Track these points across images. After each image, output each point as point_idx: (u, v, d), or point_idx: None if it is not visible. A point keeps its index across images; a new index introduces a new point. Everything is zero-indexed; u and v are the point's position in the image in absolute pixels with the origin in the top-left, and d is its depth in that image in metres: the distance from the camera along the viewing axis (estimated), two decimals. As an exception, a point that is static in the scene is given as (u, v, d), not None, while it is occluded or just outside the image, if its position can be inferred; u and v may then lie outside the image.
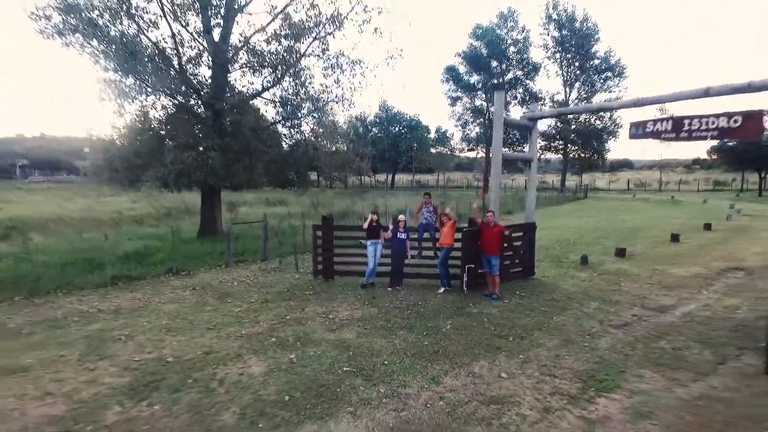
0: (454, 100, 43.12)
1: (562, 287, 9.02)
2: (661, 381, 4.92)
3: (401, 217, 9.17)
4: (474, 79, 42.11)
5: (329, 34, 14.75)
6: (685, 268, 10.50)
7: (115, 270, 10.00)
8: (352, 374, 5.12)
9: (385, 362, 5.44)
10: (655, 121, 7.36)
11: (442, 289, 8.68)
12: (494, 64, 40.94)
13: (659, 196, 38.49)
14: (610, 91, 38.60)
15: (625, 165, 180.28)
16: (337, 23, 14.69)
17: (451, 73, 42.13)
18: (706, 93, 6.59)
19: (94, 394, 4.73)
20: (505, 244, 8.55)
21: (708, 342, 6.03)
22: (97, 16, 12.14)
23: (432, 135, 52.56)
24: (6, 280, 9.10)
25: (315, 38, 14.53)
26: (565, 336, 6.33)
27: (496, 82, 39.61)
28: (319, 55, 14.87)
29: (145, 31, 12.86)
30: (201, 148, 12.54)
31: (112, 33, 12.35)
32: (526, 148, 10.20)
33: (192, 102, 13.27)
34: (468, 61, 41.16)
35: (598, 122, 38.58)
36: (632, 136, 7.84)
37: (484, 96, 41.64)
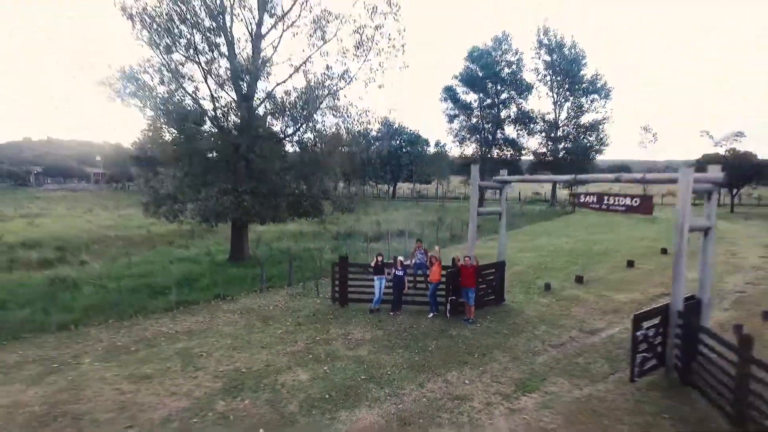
0: (451, 118, 45.96)
1: (525, 312, 11.68)
2: (567, 386, 7.59)
3: (400, 257, 11.87)
4: (471, 97, 44.87)
5: (341, 89, 17.51)
6: (626, 294, 13.16)
7: (175, 296, 12.67)
8: (367, 381, 7.81)
9: (389, 372, 8.13)
10: (586, 194, 10.06)
11: (431, 314, 11.35)
12: (489, 84, 43.69)
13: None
14: (597, 112, 41.55)
15: (622, 168, 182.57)
16: (347, 79, 17.47)
17: (449, 93, 44.96)
18: (618, 179, 9.26)
19: (204, 393, 7.44)
20: (479, 279, 11.24)
21: (611, 358, 8.71)
22: (154, 82, 14.98)
23: (431, 148, 55.46)
24: (96, 306, 11.83)
25: (328, 93, 17.28)
26: (514, 354, 9.01)
27: (490, 101, 42.37)
28: (330, 107, 17.62)
29: (190, 94, 15.65)
30: (237, 192, 15.26)
31: (163, 94, 15.19)
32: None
33: (228, 152, 15.97)
34: (464, 83, 43.95)
35: (585, 140, 41.37)
36: (573, 203, 10.53)
37: (479, 114, 44.39)
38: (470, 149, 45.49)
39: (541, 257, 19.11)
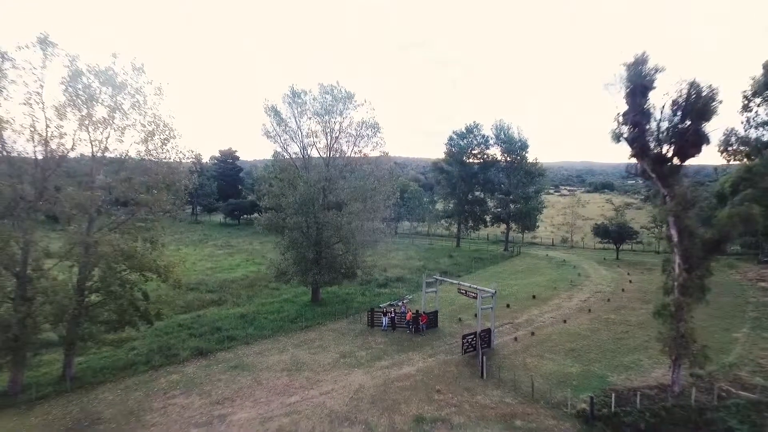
0: (438, 182, 63.33)
1: (444, 331, 29.06)
2: (443, 356, 24.99)
3: (399, 303, 29.42)
4: (452, 168, 62.26)
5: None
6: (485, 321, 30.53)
7: (302, 324, 30.15)
8: (383, 352, 25.26)
9: (389, 351, 25.57)
10: (460, 286, 27.49)
11: (407, 332, 28.76)
12: (464, 158, 61.18)
13: (568, 253, 58.17)
14: (539, 185, 59.03)
15: (606, 186, 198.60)
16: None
17: (436, 167, 62.62)
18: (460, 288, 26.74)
19: (368, 399, 24.97)
20: (425, 319, 28.78)
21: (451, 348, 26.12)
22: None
23: (425, 199, 72.78)
24: (266, 328, 29.35)
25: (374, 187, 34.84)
26: (432, 346, 26.40)
27: (464, 174, 59.92)
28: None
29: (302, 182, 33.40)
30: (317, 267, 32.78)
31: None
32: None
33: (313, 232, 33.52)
34: (448, 157, 61.58)
35: (532, 203, 58.70)
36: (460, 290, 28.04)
37: (456, 181, 61.70)
38: (451, 204, 62.86)
39: (468, 301, 36.45)
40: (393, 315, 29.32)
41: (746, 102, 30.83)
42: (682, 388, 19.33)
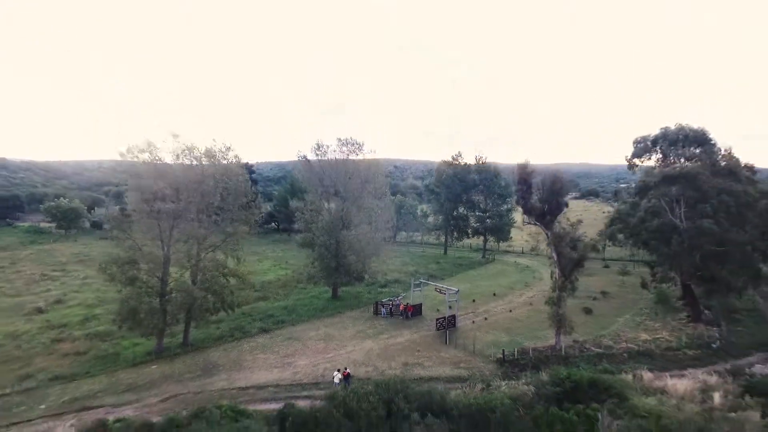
0: (429, 201, 76.63)
1: (426, 317, 42.22)
2: (424, 330, 38.24)
3: (395, 299, 42.71)
4: (440, 190, 75.60)
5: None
6: (462, 312, 43.77)
7: (327, 312, 43.45)
8: (383, 330, 38.51)
9: (388, 329, 38.81)
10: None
11: (400, 318, 41.95)
12: (451, 181, 74.52)
13: (534, 260, 71.32)
14: (509, 204, 72.56)
15: (592, 194, 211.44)
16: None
17: (428, 188, 76.05)
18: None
19: (375, 354, 38.23)
20: (411, 309, 42.06)
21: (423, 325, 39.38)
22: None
23: (419, 212, 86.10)
24: (304, 314, 42.62)
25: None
26: (417, 326, 39.65)
27: (450, 196, 73.28)
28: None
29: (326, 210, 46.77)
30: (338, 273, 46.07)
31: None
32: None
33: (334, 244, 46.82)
34: (436, 181, 74.99)
35: (504, 220, 71.94)
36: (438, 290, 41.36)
37: (443, 200, 74.96)
38: (439, 219, 76.14)
39: (443, 297, 49.61)
40: (391, 307, 42.48)
41: (630, 164, 43.43)
42: (562, 347, 32.52)
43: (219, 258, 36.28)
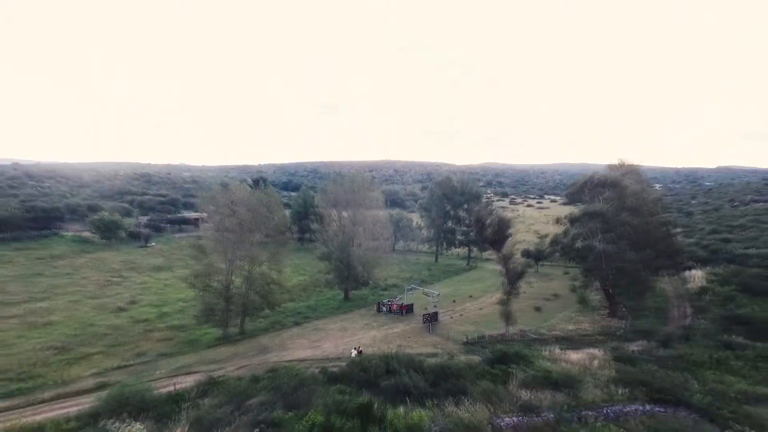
0: (422, 216, 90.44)
1: (416, 314, 55.90)
2: (413, 324, 52.01)
3: (394, 300, 56.52)
4: (431, 207, 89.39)
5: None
6: (443, 311, 57.48)
7: (341, 310, 57.25)
8: (384, 323, 52.32)
9: (388, 323, 52.56)
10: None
11: (397, 314, 55.65)
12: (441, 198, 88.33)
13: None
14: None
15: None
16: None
17: (421, 206, 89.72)
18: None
19: (378, 340, 52.01)
20: (405, 308, 55.83)
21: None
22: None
23: (414, 224, 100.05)
24: (325, 311, 56.40)
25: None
26: (408, 320, 53.40)
27: (440, 212, 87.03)
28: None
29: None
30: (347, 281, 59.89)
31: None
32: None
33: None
34: (428, 200, 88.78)
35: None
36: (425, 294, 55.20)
37: (434, 215, 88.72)
38: (431, 232, 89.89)
39: (429, 298, 63.35)
40: (390, 306, 56.19)
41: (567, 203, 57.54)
42: (509, 334, 46.18)
43: (265, 270, 50.06)
